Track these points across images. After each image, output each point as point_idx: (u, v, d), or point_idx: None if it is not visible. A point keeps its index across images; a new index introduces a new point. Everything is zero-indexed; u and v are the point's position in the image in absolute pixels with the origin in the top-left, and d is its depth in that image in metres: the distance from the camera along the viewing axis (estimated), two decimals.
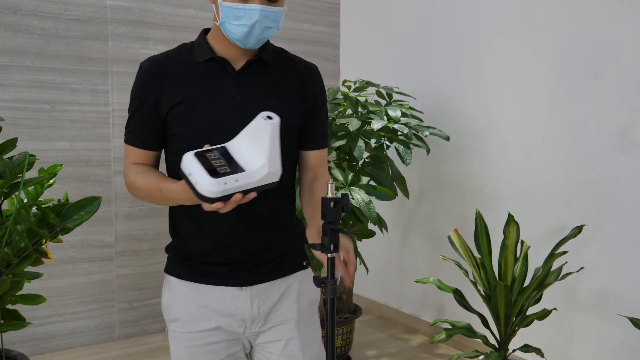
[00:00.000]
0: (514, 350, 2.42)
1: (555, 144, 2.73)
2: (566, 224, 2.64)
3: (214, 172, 1.11)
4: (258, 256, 1.40)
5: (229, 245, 1.37)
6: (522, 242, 2.44)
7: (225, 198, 1.12)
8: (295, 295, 1.44)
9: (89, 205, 1.86)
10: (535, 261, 2.60)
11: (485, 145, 3.05)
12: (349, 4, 3.91)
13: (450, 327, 2.45)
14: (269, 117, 1.16)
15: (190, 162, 1.13)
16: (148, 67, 1.38)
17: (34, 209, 1.95)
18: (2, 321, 1.92)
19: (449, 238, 2.50)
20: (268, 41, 1.40)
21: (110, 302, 3.24)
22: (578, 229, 2.34)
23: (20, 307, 2.09)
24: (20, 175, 1.84)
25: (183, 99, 1.32)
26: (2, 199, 1.87)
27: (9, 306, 1.94)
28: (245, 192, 1.14)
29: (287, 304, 1.43)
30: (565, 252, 2.32)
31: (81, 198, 1.90)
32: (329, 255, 1.20)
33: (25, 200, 1.97)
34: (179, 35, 3.34)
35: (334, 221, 1.18)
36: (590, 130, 2.58)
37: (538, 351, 2.33)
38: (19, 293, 1.93)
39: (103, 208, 3.14)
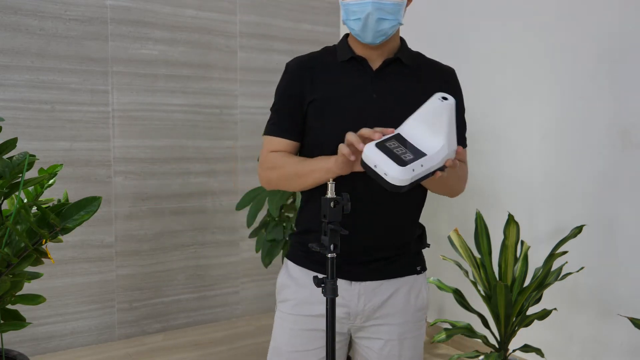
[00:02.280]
0: (514, 350, 2.42)
1: (555, 144, 2.73)
2: (566, 224, 2.64)
3: (400, 161, 1.10)
4: (372, 253, 1.41)
5: (348, 238, 1.36)
6: (522, 242, 2.44)
7: (412, 185, 1.12)
8: (402, 299, 1.45)
9: (89, 205, 1.86)
10: (535, 261, 2.60)
11: (485, 145, 3.05)
12: None
13: (450, 327, 2.46)
14: (445, 98, 1.16)
15: (373, 153, 1.12)
16: (294, 65, 1.45)
17: (34, 209, 1.95)
18: (2, 321, 1.92)
19: (449, 238, 2.50)
20: (405, 43, 1.47)
21: (110, 302, 3.24)
22: (578, 229, 2.34)
23: (20, 307, 2.09)
24: (20, 175, 1.84)
25: (323, 95, 1.38)
26: (2, 199, 1.87)
27: (9, 306, 1.94)
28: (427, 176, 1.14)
29: (394, 306, 1.44)
30: (565, 252, 2.32)
31: (81, 198, 1.91)
32: (329, 255, 1.20)
33: (25, 200, 1.97)
34: (179, 35, 3.34)
35: (334, 221, 1.17)
36: (591, 130, 2.58)
37: (538, 351, 2.33)
38: (19, 293, 1.93)
39: (103, 208, 3.14)
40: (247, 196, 2.83)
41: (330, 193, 1.18)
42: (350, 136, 1.19)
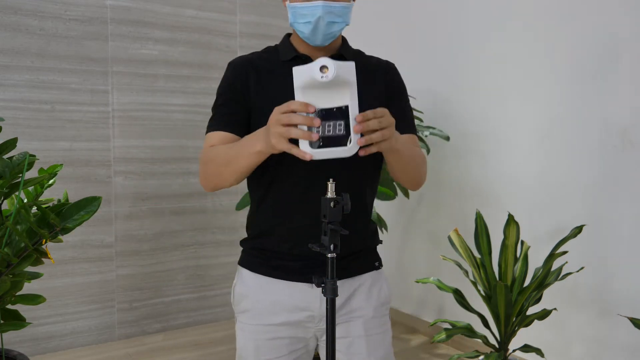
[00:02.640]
0: (514, 350, 2.42)
1: (555, 144, 2.73)
2: (566, 224, 2.64)
3: (340, 139, 1.12)
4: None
5: (305, 240, 1.35)
6: (522, 242, 2.44)
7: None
8: (365, 295, 1.44)
9: (89, 205, 1.86)
10: (535, 261, 2.60)
11: (485, 145, 3.05)
12: None
13: (450, 327, 2.45)
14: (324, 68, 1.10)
15: (318, 154, 1.12)
16: (237, 63, 1.43)
17: (34, 209, 1.95)
18: (2, 321, 1.92)
19: (449, 238, 2.50)
20: (346, 40, 1.46)
21: (110, 302, 3.24)
22: (578, 229, 2.34)
23: (20, 307, 2.09)
24: (20, 175, 1.84)
25: (267, 92, 1.37)
26: (2, 199, 1.87)
27: (9, 306, 1.94)
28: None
29: (357, 303, 1.44)
30: (565, 252, 2.32)
31: (81, 198, 1.90)
32: (329, 255, 1.20)
33: (25, 200, 1.97)
34: (179, 35, 3.34)
35: (334, 221, 1.17)
36: (591, 130, 2.58)
37: (538, 351, 2.33)
38: (19, 293, 1.93)
39: (103, 208, 3.14)
40: (247, 196, 2.83)
41: (330, 193, 1.18)
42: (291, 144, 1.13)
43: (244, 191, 3.27)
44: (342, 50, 1.43)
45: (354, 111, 1.11)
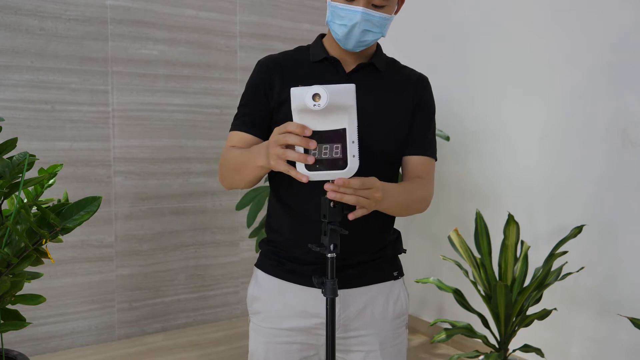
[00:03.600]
0: (514, 350, 2.42)
1: (555, 144, 2.73)
2: (566, 224, 2.64)
3: (336, 163, 1.11)
4: (346, 257, 1.34)
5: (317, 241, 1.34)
6: (522, 242, 2.44)
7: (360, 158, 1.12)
8: (381, 306, 1.40)
9: (89, 205, 1.86)
10: (535, 261, 2.60)
11: (485, 145, 3.05)
12: None
13: (450, 327, 2.46)
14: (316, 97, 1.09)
15: (315, 176, 1.12)
16: (265, 62, 1.42)
17: (34, 209, 1.95)
18: (2, 321, 1.92)
19: (449, 238, 2.50)
20: (380, 48, 1.45)
21: (110, 302, 3.24)
22: (578, 229, 2.34)
23: (20, 307, 2.09)
24: (20, 175, 1.84)
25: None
26: (2, 199, 1.87)
27: (9, 306, 1.94)
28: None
29: (371, 314, 1.39)
30: (565, 252, 2.32)
31: (81, 198, 1.90)
32: (329, 255, 1.19)
33: (25, 200, 1.97)
34: (179, 35, 3.34)
35: (334, 221, 1.17)
36: (591, 130, 2.58)
37: (538, 351, 2.33)
38: (19, 293, 1.93)
39: (103, 208, 3.14)
40: (247, 196, 2.83)
41: None
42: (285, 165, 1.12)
43: (244, 191, 3.27)
44: (374, 59, 1.40)
45: (351, 134, 1.09)
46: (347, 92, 1.09)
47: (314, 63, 1.39)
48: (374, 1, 1.29)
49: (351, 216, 1.15)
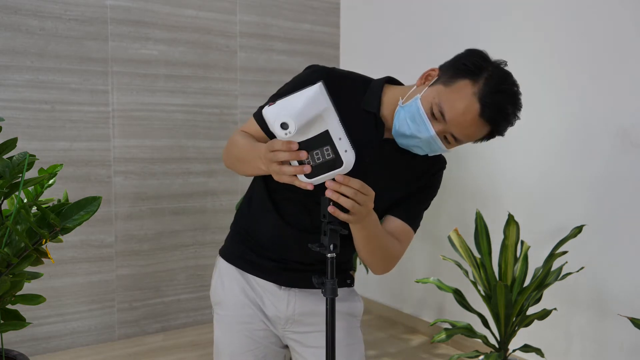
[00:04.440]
0: (514, 350, 2.42)
1: (555, 143, 2.73)
2: (566, 224, 2.64)
3: (333, 163, 1.13)
4: (307, 264, 1.41)
5: (285, 246, 1.39)
6: (522, 242, 2.44)
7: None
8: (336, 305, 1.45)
9: (89, 205, 1.85)
10: (535, 261, 2.60)
11: (485, 146, 3.04)
12: (349, 4, 3.91)
13: (450, 327, 2.46)
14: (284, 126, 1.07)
15: (316, 180, 1.14)
16: (320, 70, 1.35)
17: (34, 209, 1.95)
18: (2, 321, 1.92)
19: (449, 238, 2.50)
20: None
21: (110, 302, 3.24)
22: (578, 229, 2.34)
23: (20, 307, 2.09)
24: (20, 175, 1.84)
25: None
26: (2, 199, 1.87)
27: (9, 306, 1.94)
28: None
29: (324, 313, 1.41)
30: (565, 252, 2.32)
31: (81, 198, 1.90)
32: (329, 255, 1.20)
33: (25, 200, 1.97)
34: (179, 35, 3.34)
35: (334, 221, 1.17)
36: (591, 130, 2.58)
37: (538, 351, 2.33)
38: (19, 293, 1.93)
39: (103, 208, 3.14)
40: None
41: None
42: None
43: (244, 191, 3.27)
44: None
45: (335, 133, 1.09)
46: (316, 97, 1.07)
47: (362, 109, 1.34)
48: (448, 134, 1.25)
49: (331, 209, 1.13)
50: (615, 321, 2.48)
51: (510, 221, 2.38)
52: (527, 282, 2.44)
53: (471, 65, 1.27)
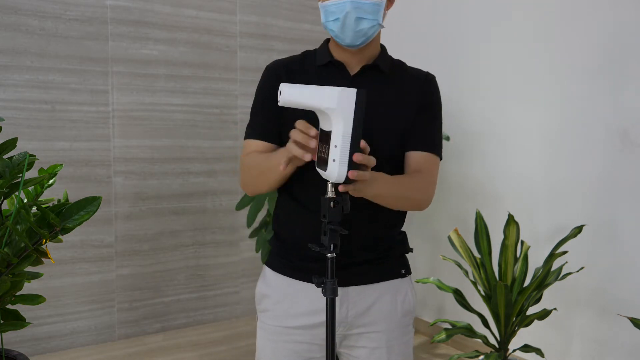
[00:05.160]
0: (514, 350, 2.42)
1: (555, 143, 2.73)
2: (566, 224, 2.64)
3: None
4: (353, 255, 1.36)
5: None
6: (522, 242, 2.44)
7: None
8: (388, 304, 1.41)
9: (89, 205, 1.86)
10: (535, 261, 2.60)
11: (485, 145, 3.05)
12: None
13: (450, 327, 2.46)
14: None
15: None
16: (272, 67, 1.45)
17: (34, 209, 1.95)
18: (2, 321, 1.92)
19: (449, 238, 2.50)
20: (385, 50, 1.43)
21: (110, 302, 3.24)
22: (578, 229, 2.34)
23: (20, 307, 2.09)
24: (20, 175, 1.84)
25: None
26: (2, 199, 1.87)
27: (9, 306, 1.94)
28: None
29: (379, 312, 1.40)
30: (565, 252, 2.32)
31: (81, 198, 1.90)
32: (329, 255, 1.19)
33: (25, 200, 1.97)
34: (179, 35, 3.34)
35: (334, 221, 1.17)
36: (591, 130, 2.58)
37: (538, 351, 2.33)
38: (18, 293, 1.93)
39: (103, 208, 3.14)
40: (247, 196, 2.83)
41: (330, 193, 1.18)
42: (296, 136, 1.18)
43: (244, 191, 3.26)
44: (378, 61, 1.39)
45: (335, 138, 1.10)
46: (324, 94, 1.11)
47: (319, 67, 1.40)
48: None
49: (342, 188, 1.16)
50: (615, 321, 2.48)
51: (510, 221, 2.38)
52: (527, 282, 2.44)
53: None
